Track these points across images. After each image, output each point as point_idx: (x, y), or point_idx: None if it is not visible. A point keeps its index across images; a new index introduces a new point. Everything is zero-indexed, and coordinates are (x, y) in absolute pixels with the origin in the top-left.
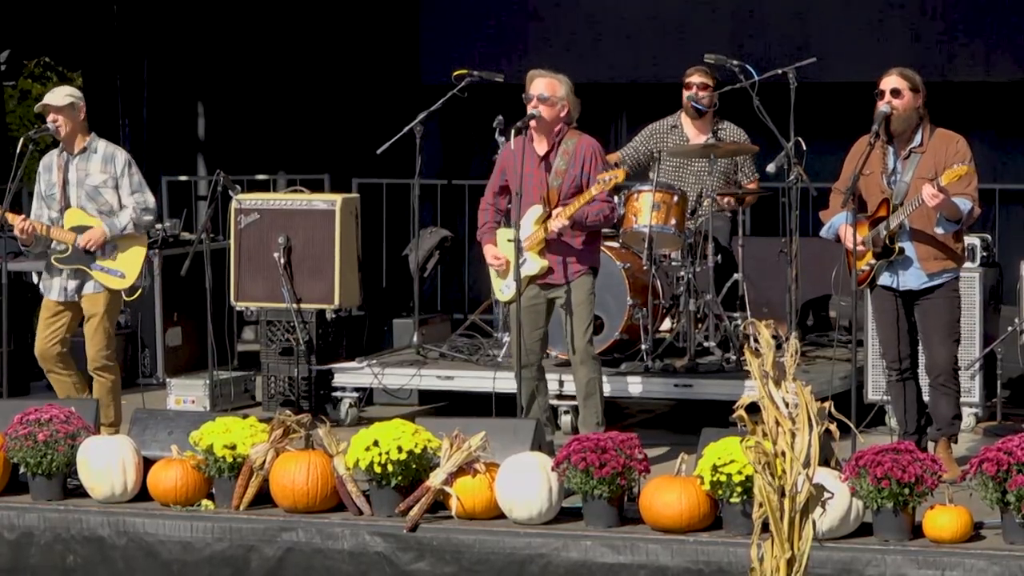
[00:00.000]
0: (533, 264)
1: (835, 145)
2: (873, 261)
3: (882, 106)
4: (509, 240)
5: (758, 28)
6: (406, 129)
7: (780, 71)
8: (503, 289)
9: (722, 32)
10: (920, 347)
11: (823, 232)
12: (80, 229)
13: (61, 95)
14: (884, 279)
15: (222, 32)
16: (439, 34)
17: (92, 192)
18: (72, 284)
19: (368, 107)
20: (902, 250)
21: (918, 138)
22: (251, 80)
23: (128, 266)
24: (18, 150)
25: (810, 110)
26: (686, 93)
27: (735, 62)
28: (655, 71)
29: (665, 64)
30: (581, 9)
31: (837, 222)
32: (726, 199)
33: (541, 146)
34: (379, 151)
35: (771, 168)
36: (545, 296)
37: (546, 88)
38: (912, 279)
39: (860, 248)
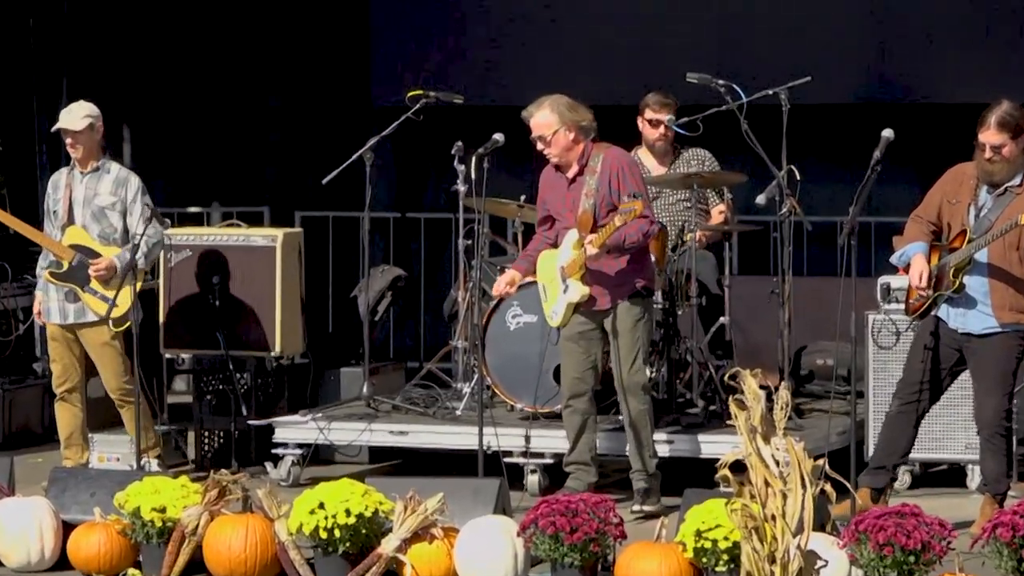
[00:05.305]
0: (575, 291)
1: (832, 173)
2: (930, 291)
3: (886, 131)
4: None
5: (746, 45)
6: (355, 156)
7: (771, 91)
8: (552, 315)
9: (707, 49)
10: (941, 390)
11: (894, 259)
12: (80, 249)
13: (78, 117)
14: (942, 312)
15: (151, 49)
16: (391, 52)
17: (98, 213)
18: (72, 307)
19: (313, 132)
20: (963, 287)
21: (1018, 178)
22: (183, 101)
23: (122, 295)
24: None
25: (804, 135)
26: (646, 131)
27: (721, 82)
28: (629, 93)
29: (641, 85)
30: (550, 26)
31: (911, 251)
32: (699, 234)
33: (568, 170)
34: (325, 181)
35: (761, 200)
36: (598, 323)
37: (536, 130)
38: (975, 322)
39: (925, 292)
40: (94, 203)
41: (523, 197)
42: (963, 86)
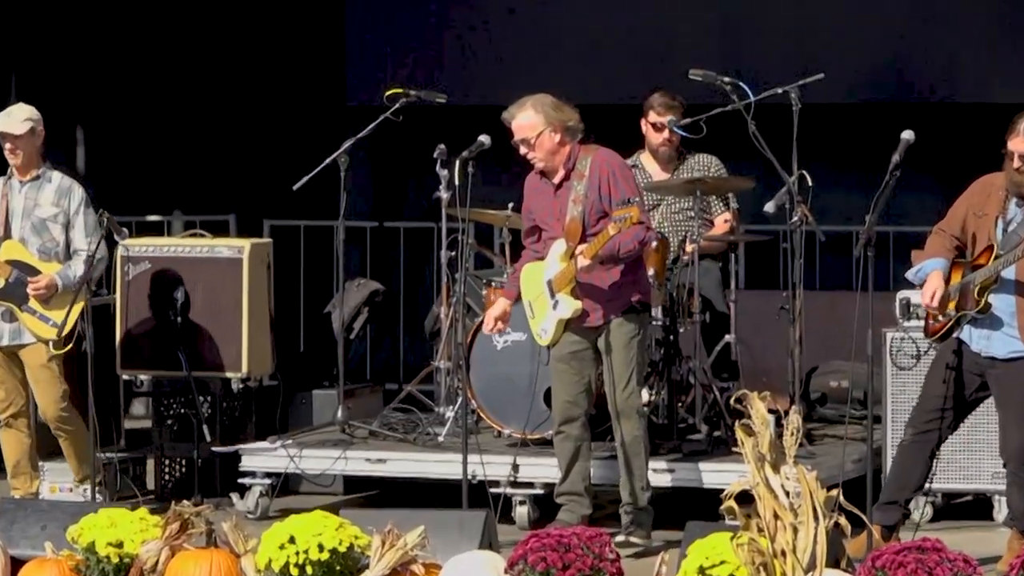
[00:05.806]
0: (565, 306)
1: (847, 179)
2: (953, 312)
3: (905, 133)
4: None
5: (754, 41)
6: (329, 160)
7: (780, 90)
8: (540, 333)
9: (707, 49)
10: (960, 419)
11: (910, 274)
12: (17, 264)
13: (19, 120)
14: (964, 334)
15: (107, 44)
16: (368, 46)
17: (39, 225)
18: (7, 328)
19: (283, 133)
20: (988, 306)
21: None
22: (141, 100)
23: (62, 315)
24: None
25: (816, 137)
26: (650, 135)
27: (726, 79)
28: (627, 90)
29: (639, 82)
30: (540, 19)
31: (929, 267)
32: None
33: (554, 176)
34: (296, 187)
35: (770, 207)
36: (590, 341)
37: (519, 132)
38: (1000, 345)
39: (939, 314)
40: (34, 214)
41: (511, 204)
42: (990, 85)
